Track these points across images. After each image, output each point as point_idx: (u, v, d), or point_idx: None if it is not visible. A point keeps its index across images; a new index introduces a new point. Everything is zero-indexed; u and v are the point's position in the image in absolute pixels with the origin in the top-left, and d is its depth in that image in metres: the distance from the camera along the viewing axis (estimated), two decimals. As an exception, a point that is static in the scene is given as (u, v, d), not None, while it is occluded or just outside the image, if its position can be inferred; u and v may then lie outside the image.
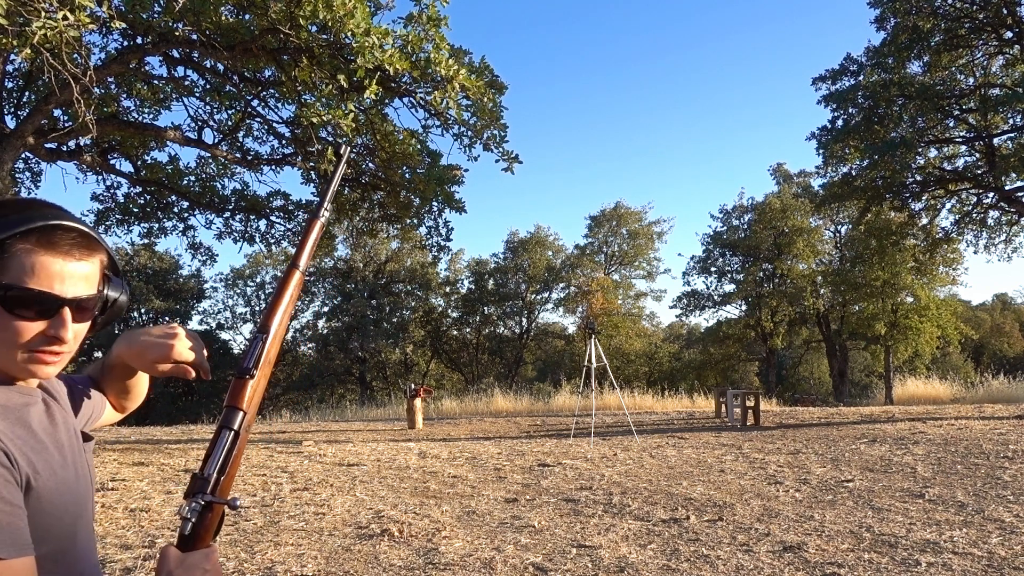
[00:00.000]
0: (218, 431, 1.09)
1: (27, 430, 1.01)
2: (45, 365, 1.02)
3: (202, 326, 33.99)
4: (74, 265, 1.01)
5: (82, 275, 1.02)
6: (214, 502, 1.04)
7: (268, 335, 1.16)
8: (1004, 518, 5.13)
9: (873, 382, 34.46)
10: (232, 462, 1.09)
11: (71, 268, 1.01)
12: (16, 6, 5.46)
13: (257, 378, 1.13)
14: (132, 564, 4.40)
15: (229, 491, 1.08)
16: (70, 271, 1.00)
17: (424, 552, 4.59)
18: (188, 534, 1.03)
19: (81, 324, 1.05)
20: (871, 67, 15.74)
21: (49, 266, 0.98)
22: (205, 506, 1.04)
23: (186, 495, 1.05)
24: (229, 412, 1.10)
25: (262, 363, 1.14)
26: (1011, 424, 10.95)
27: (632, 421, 12.15)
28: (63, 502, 1.02)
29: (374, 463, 8.63)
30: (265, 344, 1.15)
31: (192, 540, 1.04)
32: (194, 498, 1.04)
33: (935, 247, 18.11)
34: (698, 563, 4.27)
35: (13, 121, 9.75)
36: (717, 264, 32.56)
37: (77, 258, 1.01)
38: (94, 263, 1.05)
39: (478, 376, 32.02)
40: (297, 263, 1.21)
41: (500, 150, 9.29)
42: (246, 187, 12.55)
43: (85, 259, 1.02)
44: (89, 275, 1.04)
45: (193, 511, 1.03)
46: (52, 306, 0.99)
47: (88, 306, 1.05)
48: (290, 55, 8.10)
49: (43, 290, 0.98)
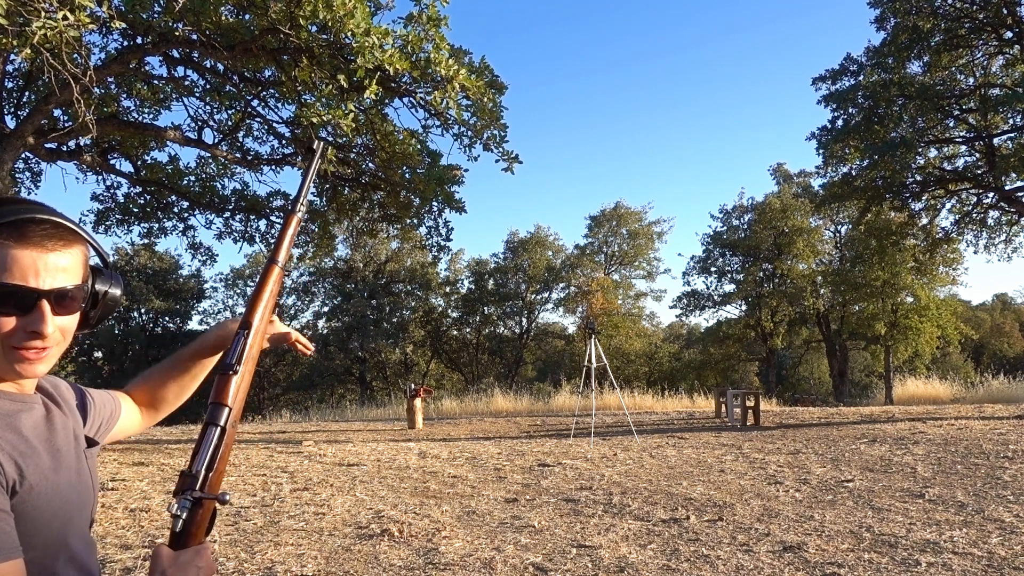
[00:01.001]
0: (204, 427, 1.09)
1: (16, 435, 1.00)
2: (29, 363, 1.00)
3: (202, 326, 34.01)
4: (50, 257, 0.98)
5: (60, 267, 1.00)
6: (203, 498, 1.04)
7: (250, 331, 1.17)
8: (1004, 518, 5.13)
9: (873, 382, 34.45)
10: (220, 458, 1.08)
11: (47, 260, 0.98)
12: (16, 6, 5.46)
13: (241, 373, 1.14)
14: (132, 564, 4.40)
15: (219, 487, 1.08)
16: (45, 263, 0.98)
17: (424, 552, 4.58)
18: (179, 531, 1.03)
19: (66, 318, 1.03)
20: (871, 67, 15.74)
21: (22, 259, 0.96)
22: (195, 502, 1.04)
23: (175, 493, 1.05)
24: (214, 408, 1.10)
25: (245, 359, 1.15)
26: (1011, 424, 10.95)
27: (632, 421, 12.15)
28: (51, 508, 1.01)
29: (374, 463, 8.63)
30: (247, 340, 1.16)
31: (184, 537, 1.03)
32: (183, 495, 1.04)
33: (935, 247, 18.11)
34: (698, 563, 4.27)
35: (13, 121, 9.75)
36: (717, 264, 32.55)
37: (51, 249, 0.99)
38: (73, 254, 1.02)
39: (478, 376, 32.01)
40: (275, 259, 1.24)
41: (500, 150, 9.29)
42: (246, 187, 12.58)
43: (61, 250, 1.00)
44: (69, 267, 1.01)
45: (183, 507, 1.03)
46: (29, 300, 0.97)
47: (70, 298, 1.02)
48: (290, 55, 8.10)
49: (17, 283, 0.96)
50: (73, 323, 1.05)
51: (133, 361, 29.87)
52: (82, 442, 1.15)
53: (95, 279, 1.10)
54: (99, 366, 30.40)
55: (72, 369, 28.67)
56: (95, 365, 30.22)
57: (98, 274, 1.11)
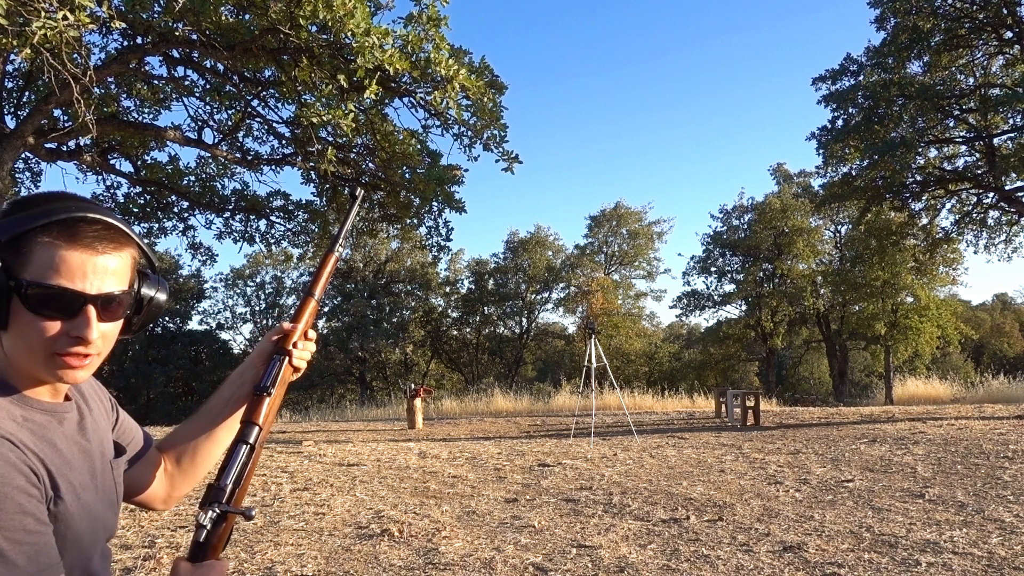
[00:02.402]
0: (234, 444, 1.12)
1: (51, 448, 0.96)
2: (71, 369, 0.95)
3: (202, 326, 34.03)
4: (100, 259, 0.94)
5: (109, 270, 0.95)
6: (230, 512, 1.06)
7: (286, 357, 1.21)
8: (1004, 518, 5.13)
9: (873, 382, 34.44)
10: (247, 475, 1.11)
11: (96, 262, 0.94)
12: (16, 6, 5.46)
13: (273, 396, 1.18)
14: (132, 564, 4.40)
15: (242, 503, 1.10)
16: (94, 265, 0.93)
17: (424, 552, 4.58)
18: (202, 542, 1.04)
19: (110, 324, 0.98)
20: (871, 67, 15.73)
21: (71, 260, 0.92)
22: (220, 515, 1.05)
23: (202, 504, 1.05)
24: (246, 427, 1.14)
25: (279, 382, 1.19)
26: (1011, 424, 10.95)
27: (632, 421, 12.15)
28: (79, 528, 0.98)
29: (374, 463, 8.63)
30: (283, 365, 1.20)
31: (205, 549, 1.05)
32: (210, 506, 1.05)
33: (935, 247, 18.11)
34: (698, 563, 4.27)
35: (13, 121, 9.75)
36: (717, 264, 32.55)
37: (101, 251, 0.94)
38: (123, 257, 0.98)
39: (478, 376, 32.01)
40: (312, 292, 1.28)
41: (500, 150, 9.29)
42: (246, 187, 12.57)
43: (111, 252, 0.95)
44: (117, 270, 0.97)
45: (210, 519, 1.04)
46: (75, 304, 0.93)
47: (117, 304, 0.97)
48: (290, 55, 8.10)
49: (65, 286, 0.91)
50: (117, 329, 1.01)
51: (133, 361, 29.88)
52: (110, 450, 1.11)
53: (141, 283, 1.05)
54: (99, 366, 30.38)
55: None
56: (95, 365, 30.18)
57: (144, 278, 1.06)
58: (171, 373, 30.71)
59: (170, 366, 30.37)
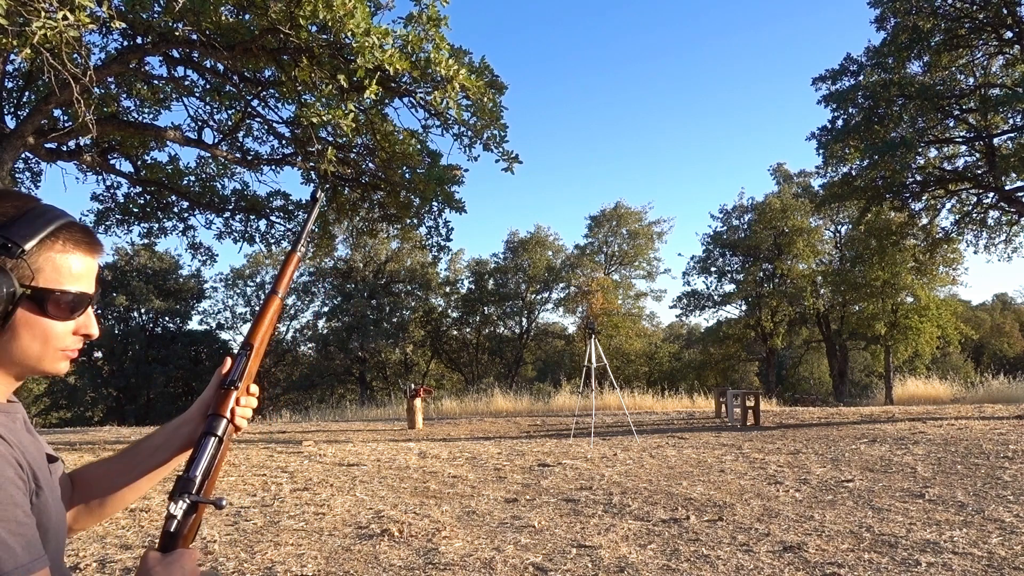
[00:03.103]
0: (202, 436, 1.14)
1: (22, 444, 0.98)
2: (68, 363, 1.03)
3: (202, 326, 34.02)
4: (96, 261, 1.02)
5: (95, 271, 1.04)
6: (200, 502, 1.07)
7: (251, 351, 1.25)
8: (1004, 518, 5.13)
9: (873, 382, 34.45)
10: (215, 466, 1.12)
11: (95, 265, 1.02)
12: (16, 6, 5.46)
13: (240, 389, 1.20)
14: (132, 564, 4.40)
15: (211, 493, 1.11)
16: (94, 268, 1.02)
17: (424, 552, 4.58)
18: (172, 532, 1.05)
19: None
20: (871, 67, 15.73)
21: (92, 268, 1.00)
22: (190, 506, 1.06)
23: (171, 495, 1.06)
24: (213, 419, 1.16)
25: (245, 376, 1.22)
26: (1011, 424, 10.95)
27: (632, 421, 12.15)
28: (55, 523, 1.00)
29: (374, 463, 8.63)
30: (248, 359, 1.23)
31: (175, 539, 1.05)
32: (181, 497, 1.06)
33: (935, 247, 18.11)
34: (698, 563, 4.27)
35: (13, 121, 9.75)
36: (717, 264, 32.56)
37: (97, 255, 1.02)
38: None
39: (478, 376, 32.01)
40: (276, 290, 1.32)
41: (500, 150, 9.29)
42: (246, 187, 12.57)
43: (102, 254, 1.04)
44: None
45: (180, 509, 1.05)
46: (87, 305, 1.00)
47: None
48: (290, 55, 8.10)
49: (85, 291, 0.98)
50: None
51: (133, 361, 29.87)
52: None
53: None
54: (99, 366, 30.38)
55: (71, 369, 28.65)
56: (95, 365, 30.20)
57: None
58: (171, 373, 30.71)
59: (170, 366, 30.38)
